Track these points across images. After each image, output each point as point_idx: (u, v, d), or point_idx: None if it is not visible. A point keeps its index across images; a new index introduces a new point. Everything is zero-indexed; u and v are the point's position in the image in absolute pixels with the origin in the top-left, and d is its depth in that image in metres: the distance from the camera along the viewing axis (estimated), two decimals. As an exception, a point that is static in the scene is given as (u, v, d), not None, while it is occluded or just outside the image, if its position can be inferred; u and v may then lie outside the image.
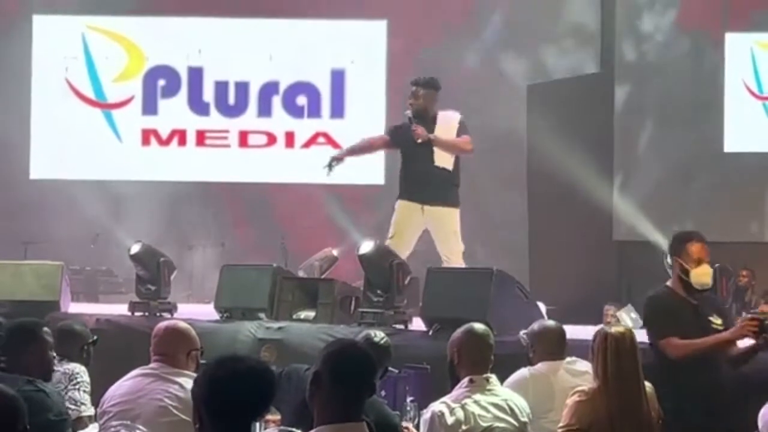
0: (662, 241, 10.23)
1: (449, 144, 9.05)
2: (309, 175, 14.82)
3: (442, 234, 9.05)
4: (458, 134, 9.10)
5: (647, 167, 13.28)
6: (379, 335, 5.84)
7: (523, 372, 5.80)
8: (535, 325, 6.03)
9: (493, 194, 14.20)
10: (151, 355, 5.22)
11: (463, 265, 9.09)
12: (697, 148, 13.07)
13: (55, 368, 6.16)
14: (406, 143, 9.13)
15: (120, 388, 5.17)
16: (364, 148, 9.79)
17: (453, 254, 8.98)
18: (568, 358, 5.84)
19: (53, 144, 15.51)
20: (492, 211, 14.02)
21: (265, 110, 15.68)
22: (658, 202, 12.86)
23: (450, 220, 9.05)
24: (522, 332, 6.06)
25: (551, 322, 6.25)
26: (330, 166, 9.28)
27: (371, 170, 13.69)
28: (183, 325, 5.34)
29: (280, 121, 15.73)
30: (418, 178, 9.06)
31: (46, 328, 5.17)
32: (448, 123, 9.10)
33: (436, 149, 9.01)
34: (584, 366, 5.58)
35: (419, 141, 8.96)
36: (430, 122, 9.10)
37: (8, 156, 15.01)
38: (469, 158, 9.39)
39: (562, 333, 5.97)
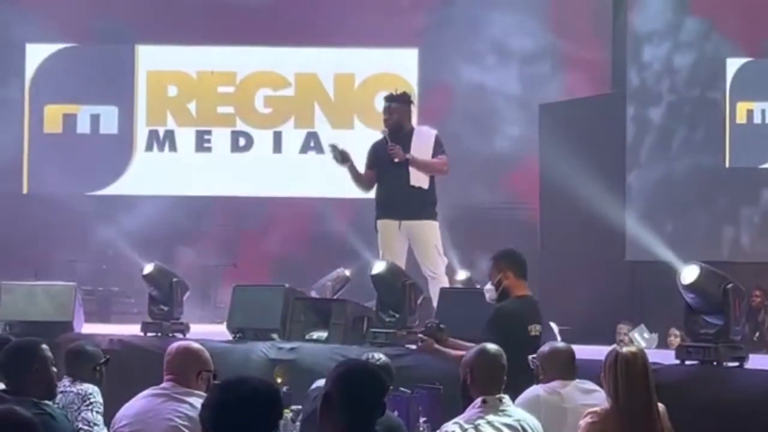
0: (675, 262, 10.20)
1: (426, 165, 8.97)
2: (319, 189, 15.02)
3: (422, 246, 8.94)
4: (434, 152, 9.00)
5: (659, 187, 13.26)
6: (376, 356, 5.82)
7: (535, 389, 5.79)
8: (545, 347, 6.01)
9: (505, 214, 14.20)
10: (164, 375, 5.22)
11: (447, 281, 9.07)
12: (709, 166, 13.06)
13: (68, 389, 6.20)
14: (382, 162, 9.03)
15: (131, 407, 5.17)
16: (360, 178, 9.24)
17: (437, 268, 8.90)
18: (578, 380, 5.83)
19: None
20: (504, 231, 14.00)
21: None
22: (670, 222, 12.83)
23: (429, 232, 8.96)
24: (531, 356, 6.04)
25: (561, 344, 6.23)
26: (335, 149, 9.01)
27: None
28: (195, 345, 5.33)
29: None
30: (394, 197, 8.95)
31: (44, 346, 5.15)
32: (423, 140, 9.02)
33: (412, 168, 8.94)
34: (594, 385, 5.58)
35: (396, 161, 8.92)
36: (405, 138, 9.01)
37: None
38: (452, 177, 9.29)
39: (572, 354, 5.96)
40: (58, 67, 15.79)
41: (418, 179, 8.95)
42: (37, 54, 15.87)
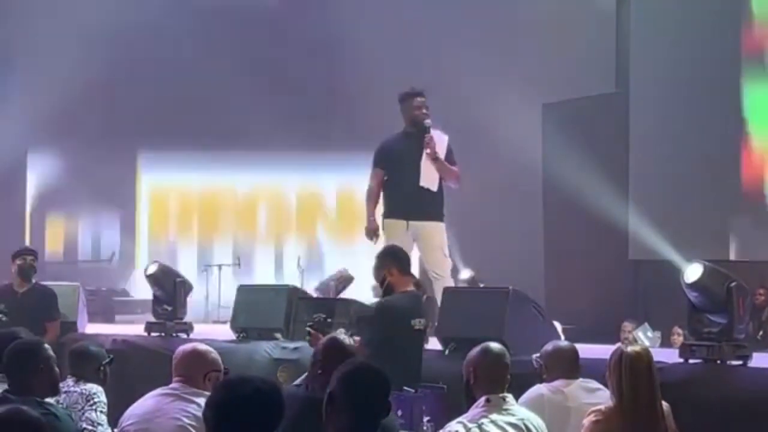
0: (679, 261, 10.21)
1: (447, 171, 8.94)
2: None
3: (428, 248, 8.92)
4: (447, 157, 8.97)
5: (663, 186, 13.25)
6: (346, 336, 5.76)
7: (538, 388, 5.78)
8: (549, 346, 6.01)
9: (509, 213, 14.19)
10: (173, 376, 5.23)
11: (452, 282, 9.07)
12: (713, 165, 13.04)
13: (72, 389, 6.22)
14: (394, 161, 8.99)
15: (139, 407, 5.19)
16: (375, 199, 9.13)
17: (442, 271, 8.89)
18: (581, 379, 5.83)
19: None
20: (508, 231, 14.00)
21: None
22: (674, 221, 12.83)
23: (435, 233, 8.94)
24: (534, 356, 6.05)
25: (564, 343, 6.24)
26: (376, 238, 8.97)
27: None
28: (203, 347, 5.35)
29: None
30: (403, 197, 8.91)
31: (47, 345, 5.18)
32: (437, 142, 8.98)
33: (422, 169, 8.92)
34: (598, 384, 5.59)
35: (427, 151, 8.89)
36: (421, 136, 8.98)
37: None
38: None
39: (576, 353, 5.95)
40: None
41: (428, 181, 8.91)
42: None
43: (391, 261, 7.09)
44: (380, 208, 9.10)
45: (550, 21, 14.27)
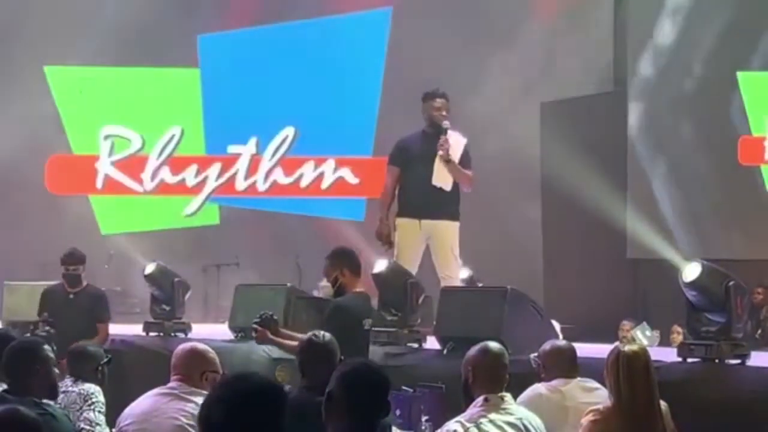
0: (677, 260, 10.21)
1: (459, 174, 8.96)
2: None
3: (439, 248, 8.95)
4: (462, 160, 9.01)
5: (661, 185, 13.26)
6: (321, 334, 5.75)
7: (536, 388, 5.79)
8: (547, 346, 6.02)
9: (508, 213, 14.18)
10: (171, 375, 5.23)
11: (460, 283, 9.09)
12: (711, 164, 13.04)
13: (71, 389, 6.23)
14: (409, 159, 9.04)
15: (137, 406, 5.20)
16: (391, 197, 9.19)
17: (451, 272, 8.91)
18: (579, 378, 5.83)
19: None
20: (506, 230, 13.99)
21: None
22: (672, 221, 12.83)
23: (448, 234, 8.96)
24: (532, 355, 6.05)
25: (562, 342, 6.24)
26: (388, 244, 9.00)
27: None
28: (201, 346, 5.36)
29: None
30: (415, 195, 8.95)
31: (46, 346, 5.17)
32: (454, 144, 9.03)
33: (436, 169, 8.94)
34: (596, 383, 5.59)
35: (440, 153, 8.89)
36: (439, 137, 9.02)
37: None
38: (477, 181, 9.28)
39: (574, 352, 5.96)
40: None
41: (440, 179, 8.92)
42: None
43: (343, 261, 7.18)
44: (394, 207, 9.12)
45: (549, 20, 14.28)
